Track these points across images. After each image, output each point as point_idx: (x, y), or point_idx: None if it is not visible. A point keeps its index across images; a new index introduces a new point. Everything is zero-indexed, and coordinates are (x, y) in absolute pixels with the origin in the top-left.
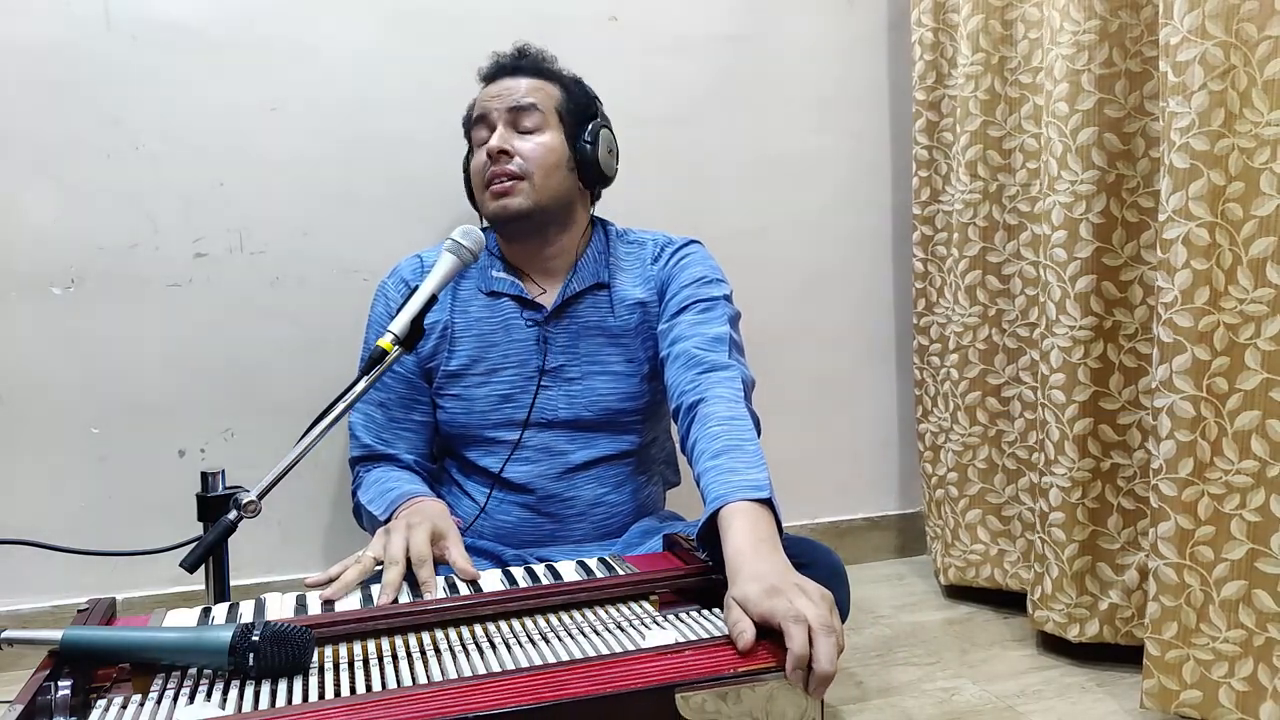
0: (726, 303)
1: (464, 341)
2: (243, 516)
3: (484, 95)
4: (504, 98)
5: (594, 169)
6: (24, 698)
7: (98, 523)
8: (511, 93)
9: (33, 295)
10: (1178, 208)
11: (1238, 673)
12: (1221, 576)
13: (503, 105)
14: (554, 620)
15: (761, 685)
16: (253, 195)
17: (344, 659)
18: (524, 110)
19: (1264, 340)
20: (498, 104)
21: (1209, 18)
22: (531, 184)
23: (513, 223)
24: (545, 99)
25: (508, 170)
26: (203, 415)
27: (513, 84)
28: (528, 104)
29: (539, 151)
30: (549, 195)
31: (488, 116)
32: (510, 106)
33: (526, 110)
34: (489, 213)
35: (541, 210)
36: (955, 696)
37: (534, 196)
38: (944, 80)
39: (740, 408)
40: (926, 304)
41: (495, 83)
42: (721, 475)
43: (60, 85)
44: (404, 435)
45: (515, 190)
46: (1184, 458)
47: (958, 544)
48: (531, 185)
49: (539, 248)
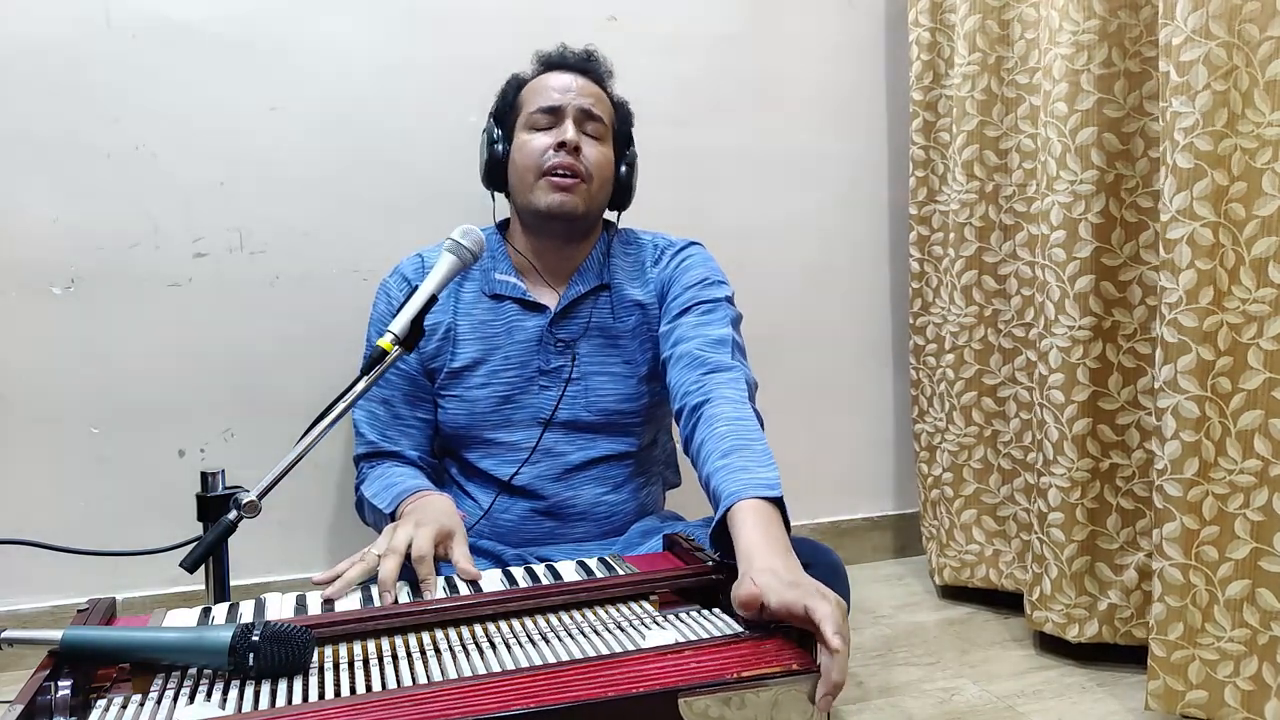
0: (728, 304)
1: (467, 343)
2: (243, 516)
3: (551, 84)
4: (577, 95)
5: (624, 193)
6: (24, 698)
7: (98, 523)
8: (583, 94)
9: (33, 295)
10: (1182, 208)
11: (1243, 672)
12: (1226, 576)
13: (578, 103)
14: (554, 620)
15: (765, 690)
16: (253, 195)
17: (344, 659)
18: (593, 117)
19: (1266, 340)
20: (571, 100)
21: (1212, 18)
22: (589, 189)
23: (561, 220)
24: (607, 113)
25: (575, 167)
26: (203, 415)
27: (581, 84)
28: (597, 113)
29: (601, 160)
30: (597, 205)
31: (560, 109)
32: (582, 108)
33: (595, 118)
34: (544, 203)
35: (586, 216)
36: (955, 696)
37: (588, 201)
38: (941, 80)
39: (746, 408)
40: (923, 304)
41: (560, 75)
42: (733, 474)
43: (60, 85)
44: (408, 432)
45: (577, 190)
46: (1189, 458)
47: (953, 544)
48: (589, 190)
49: (558, 250)
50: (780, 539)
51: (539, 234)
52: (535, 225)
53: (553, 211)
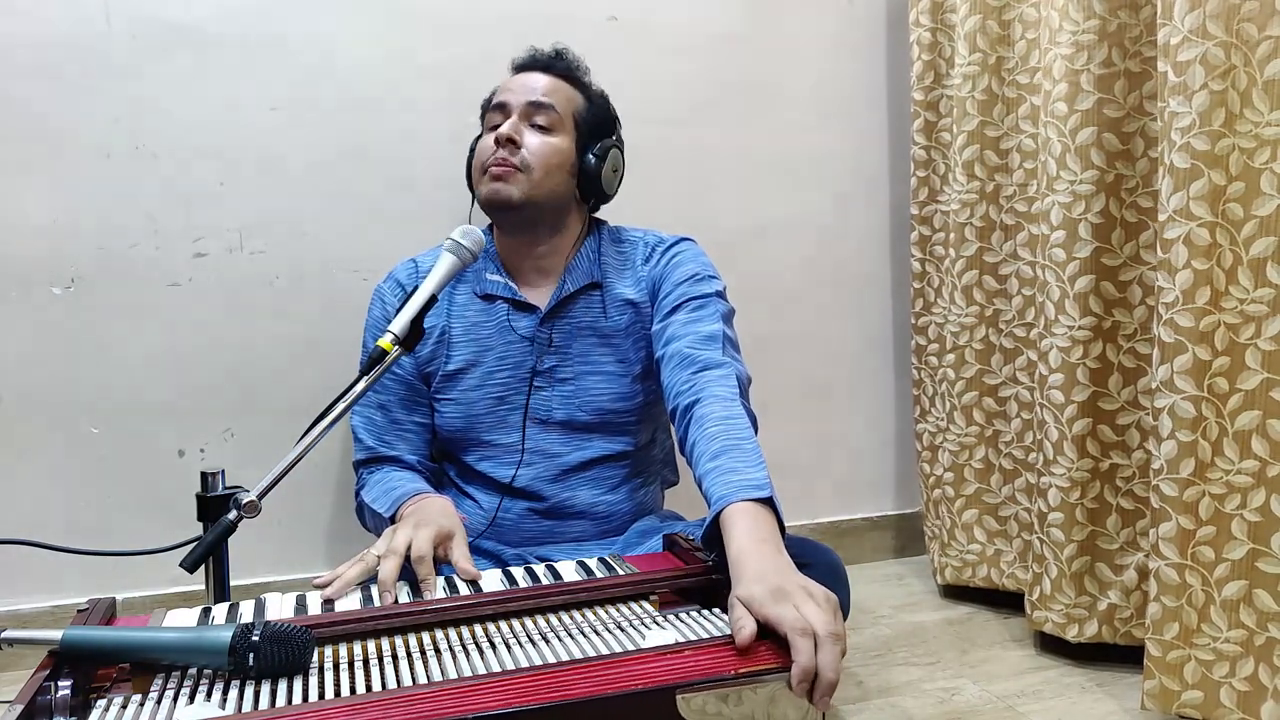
0: (719, 299)
1: (460, 345)
2: (243, 516)
3: (507, 84)
4: (525, 91)
5: (594, 183)
6: (24, 698)
7: (98, 523)
8: (534, 88)
9: (33, 295)
10: (1179, 208)
11: (1239, 672)
12: (1222, 576)
13: (522, 99)
14: (554, 620)
15: (763, 687)
16: (253, 195)
17: (344, 659)
18: (542, 107)
19: (1264, 340)
20: (517, 96)
21: (1210, 17)
22: (529, 178)
23: (501, 210)
24: (565, 102)
25: (508, 159)
26: (203, 415)
27: (538, 80)
28: (546, 102)
29: (544, 149)
30: (543, 193)
31: (506, 105)
32: (529, 101)
33: (544, 108)
34: (482, 195)
35: (532, 205)
36: (955, 696)
37: (527, 190)
38: (942, 80)
39: (736, 406)
40: (924, 304)
41: (524, 75)
42: (722, 476)
43: (60, 84)
44: (406, 437)
45: (511, 178)
46: (1185, 458)
47: (954, 544)
48: (529, 179)
49: (529, 245)
50: (770, 540)
51: (499, 228)
52: (492, 219)
53: (491, 201)
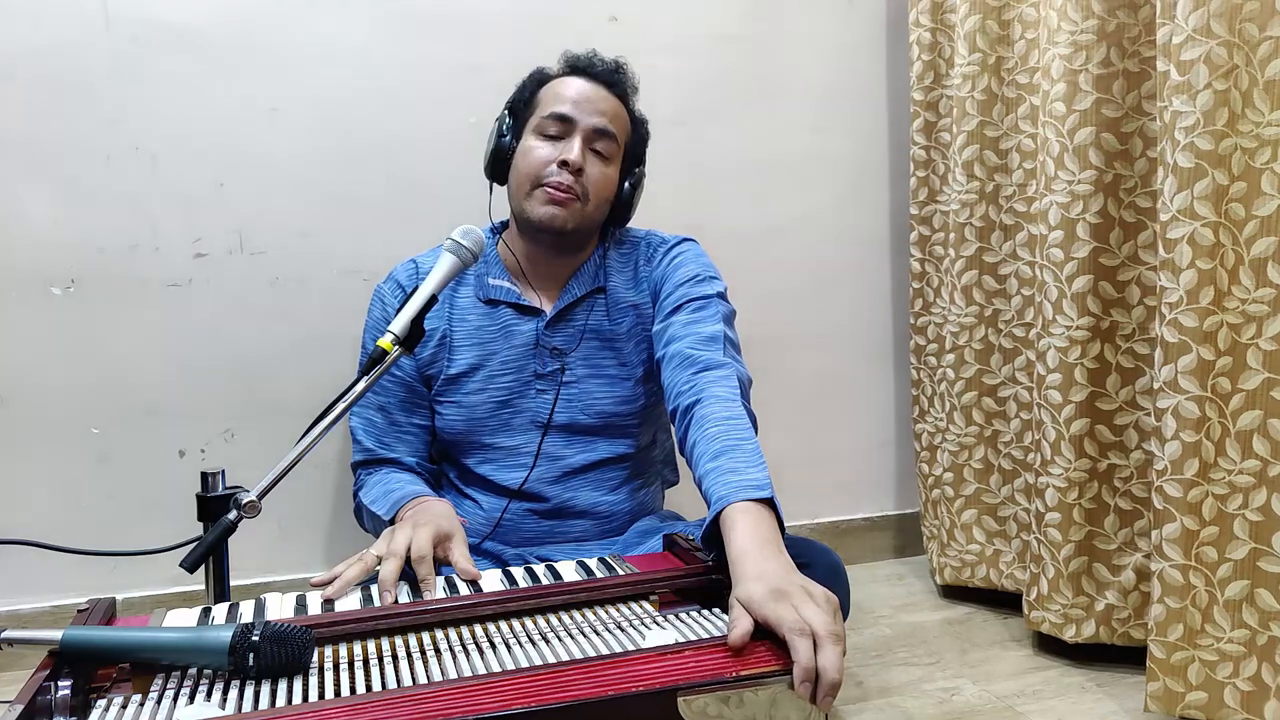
0: (721, 300)
1: (463, 349)
2: (243, 516)
3: (569, 92)
4: (592, 109)
5: (624, 211)
6: (24, 698)
7: (98, 523)
8: (600, 108)
9: (33, 295)
10: (1182, 207)
11: (1242, 672)
12: (1225, 577)
13: (588, 121)
14: (554, 620)
15: (764, 689)
16: (253, 195)
17: (344, 659)
18: (606, 135)
19: (1265, 340)
20: (585, 115)
21: (1213, 17)
22: (583, 207)
23: (550, 234)
24: (622, 131)
25: (574, 188)
26: (203, 415)
27: (601, 97)
28: (610, 131)
29: (602, 181)
30: (590, 222)
31: (573, 121)
32: (595, 127)
33: (607, 136)
34: (535, 215)
35: (577, 232)
36: (955, 696)
37: (580, 219)
38: (941, 80)
39: (737, 406)
40: (924, 304)
41: (583, 83)
42: (722, 476)
43: (60, 85)
44: (405, 439)
45: (570, 206)
46: (1189, 458)
47: (953, 544)
48: (583, 208)
49: (550, 259)
50: (771, 540)
51: (533, 241)
52: (528, 232)
53: (543, 224)
